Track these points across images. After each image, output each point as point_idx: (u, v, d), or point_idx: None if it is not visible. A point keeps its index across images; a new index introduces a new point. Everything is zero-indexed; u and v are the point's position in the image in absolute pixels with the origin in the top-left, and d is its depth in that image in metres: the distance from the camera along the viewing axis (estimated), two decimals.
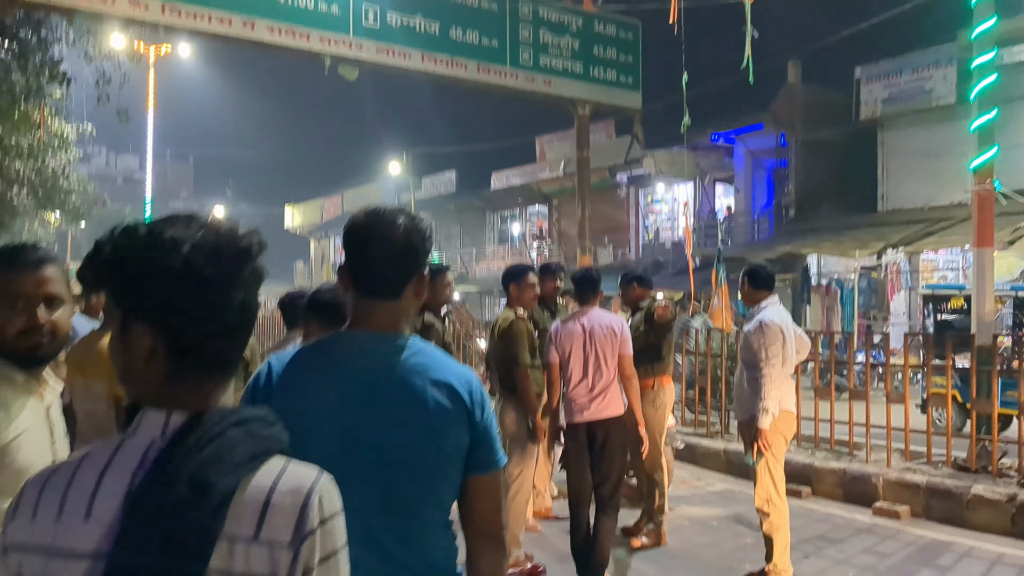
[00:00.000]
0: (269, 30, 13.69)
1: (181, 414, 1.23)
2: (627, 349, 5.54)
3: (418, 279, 1.96)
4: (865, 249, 19.06)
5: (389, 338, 1.91)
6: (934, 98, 20.75)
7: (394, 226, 1.93)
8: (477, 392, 1.91)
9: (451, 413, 1.86)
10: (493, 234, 38.39)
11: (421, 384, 1.86)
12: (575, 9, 17.18)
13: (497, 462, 1.93)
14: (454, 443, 1.86)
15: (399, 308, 1.94)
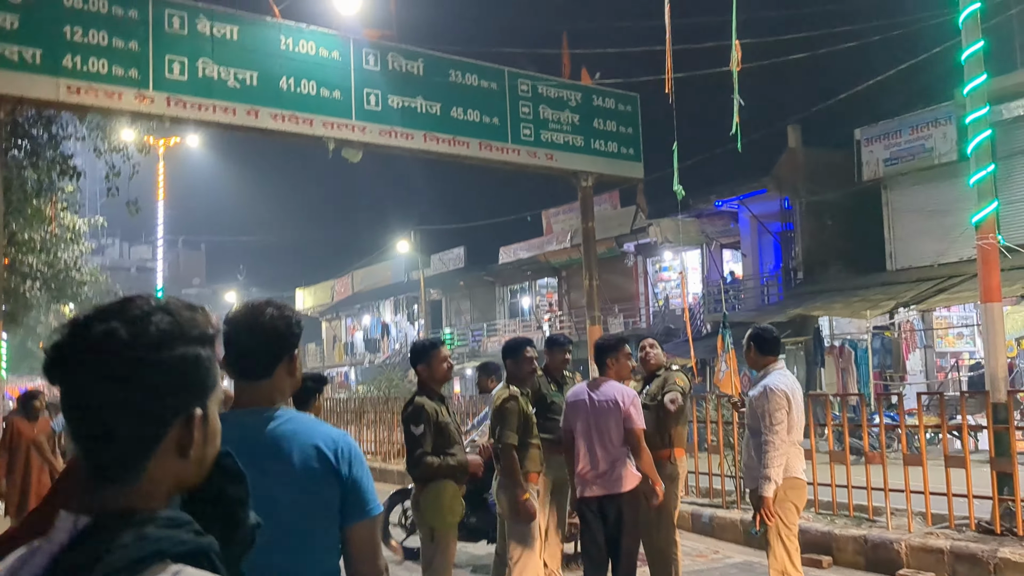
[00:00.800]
0: (273, 117, 13.94)
1: (86, 516, 1.15)
2: (634, 423, 5.43)
3: (288, 359, 2.27)
4: (876, 309, 18.94)
5: (260, 411, 2.20)
6: (935, 156, 20.85)
7: (260, 316, 2.24)
8: (344, 450, 2.17)
9: (319, 470, 2.12)
10: (503, 308, 38.41)
11: (289, 448, 2.13)
12: (573, 84, 17.45)
13: (369, 511, 2.19)
14: (326, 496, 2.12)
15: (272, 385, 2.25)
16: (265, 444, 2.13)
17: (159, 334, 1.16)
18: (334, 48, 14.63)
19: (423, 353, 5.22)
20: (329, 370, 49.13)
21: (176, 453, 1.19)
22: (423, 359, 5.19)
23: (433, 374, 5.18)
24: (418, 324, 40.92)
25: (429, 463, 4.95)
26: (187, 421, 1.19)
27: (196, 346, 1.20)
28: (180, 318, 1.20)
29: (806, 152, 24.94)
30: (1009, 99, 18.39)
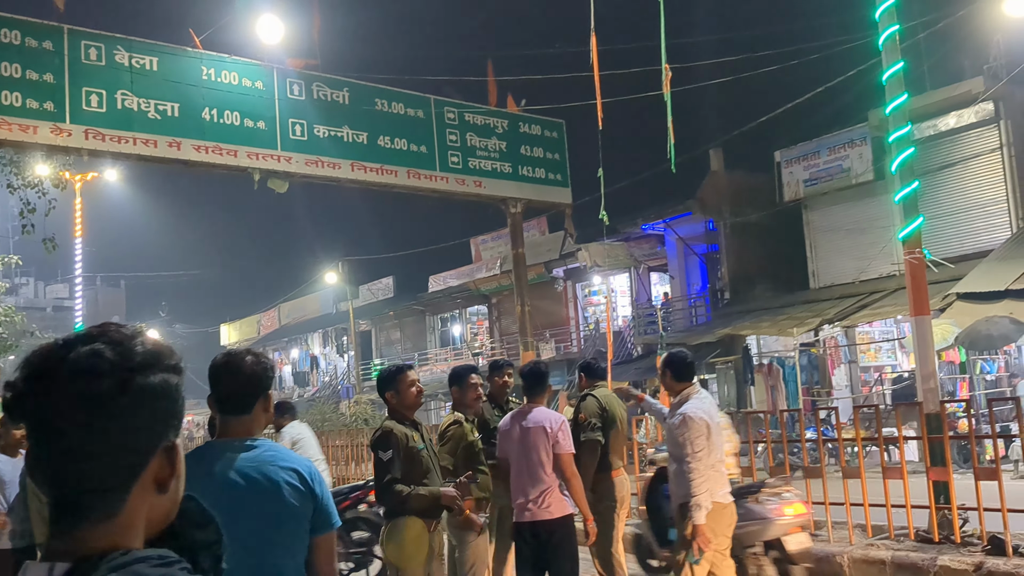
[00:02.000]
0: (196, 149, 13.66)
1: (64, 563, 1.06)
2: (562, 448, 5.41)
3: (263, 399, 2.79)
4: (802, 326, 19.34)
5: (243, 441, 2.71)
6: (852, 176, 21.47)
7: (242, 362, 2.78)
8: (315, 473, 2.71)
9: (299, 489, 2.62)
10: (434, 337, 38.20)
11: (273, 471, 2.63)
12: (499, 111, 17.52)
13: (332, 524, 2.72)
14: (302, 510, 2.62)
15: (251, 420, 2.76)
16: (249, 467, 2.62)
17: (144, 356, 1.09)
18: (258, 78, 14.42)
19: (390, 379, 4.95)
20: None
21: (154, 487, 1.12)
22: (390, 385, 4.93)
23: (402, 400, 4.90)
24: (348, 356, 40.42)
25: (398, 491, 4.65)
26: (167, 451, 1.13)
27: (173, 374, 1.14)
28: (159, 344, 1.13)
29: (729, 175, 25.45)
30: (921, 119, 19.06)
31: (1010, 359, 17.20)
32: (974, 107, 19.15)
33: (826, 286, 22.15)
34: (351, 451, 15.40)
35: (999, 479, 6.94)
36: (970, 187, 19.53)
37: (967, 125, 19.50)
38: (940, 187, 19.46)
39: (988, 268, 16.75)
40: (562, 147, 18.63)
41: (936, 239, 18.54)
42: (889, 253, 19.00)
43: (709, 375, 23.56)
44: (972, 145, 19.50)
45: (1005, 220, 18.86)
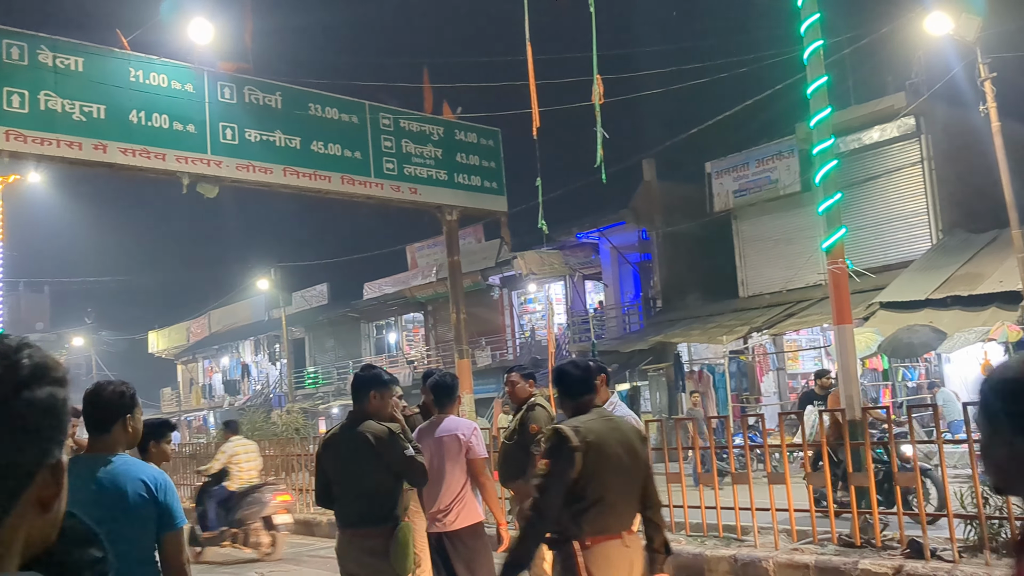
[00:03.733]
0: (122, 152, 13.37)
1: None
2: (475, 453, 5.41)
3: (121, 421, 3.36)
4: (732, 334, 19.68)
5: (104, 456, 3.27)
6: (780, 187, 21.95)
7: (103, 391, 3.39)
8: (161, 482, 3.25)
9: (143, 496, 3.18)
10: (369, 344, 37.88)
11: (123, 481, 3.18)
12: (435, 118, 17.50)
13: (174, 525, 3.24)
14: (146, 514, 3.18)
15: (112, 438, 3.33)
16: (105, 479, 3.18)
17: (31, 369, 1.03)
18: (187, 80, 14.18)
19: (381, 382, 4.84)
20: (186, 414, 47.15)
21: (37, 506, 1.04)
22: (380, 387, 4.81)
23: (382, 407, 4.80)
24: (280, 364, 39.86)
25: None
26: (52, 469, 1.05)
27: (60, 387, 1.07)
28: (46, 357, 1.07)
29: (661, 185, 25.81)
30: (846, 133, 19.59)
31: (930, 366, 17.74)
32: (896, 122, 19.75)
33: (755, 295, 22.59)
34: (282, 461, 15.17)
35: (918, 485, 7.14)
36: (892, 199, 20.13)
37: (890, 139, 20.10)
38: (864, 199, 20.02)
39: (909, 278, 17.27)
40: (498, 155, 18.68)
41: (860, 250, 19.05)
42: (815, 263, 19.45)
43: (642, 382, 23.81)
44: (894, 158, 20.11)
45: (926, 232, 19.47)
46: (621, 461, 3.78)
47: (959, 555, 6.82)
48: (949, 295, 15.81)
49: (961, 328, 15.09)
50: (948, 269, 16.77)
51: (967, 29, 14.36)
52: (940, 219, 19.30)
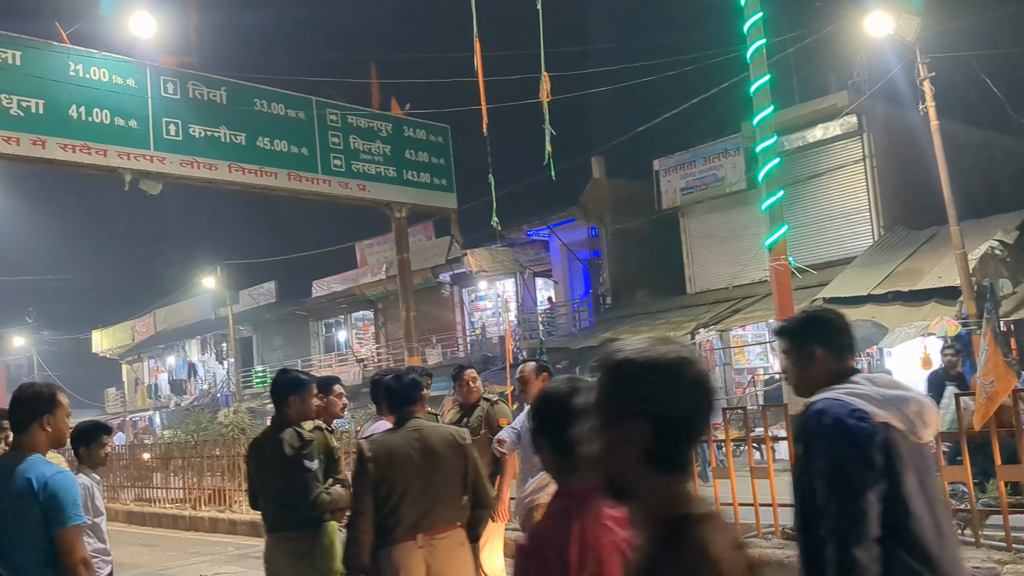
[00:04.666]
0: (62, 148, 13.12)
1: None
2: None
3: (39, 421, 3.49)
4: (679, 330, 19.87)
5: (16, 455, 3.46)
6: (726, 185, 22.21)
7: (22, 392, 3.55)
8: (49, 482, 3.33)
9: (26, 494, 3.31)
10: (318, 343, 37.56)
11: (18, 480, 3.33)
12: (383, 114, 17.41)
13: (63, 522, 3.30)
14: (32, 511, 3.30)
15: (30, 438, 3.48)
16: (5, 478, 3.36)
17: None
18: (129, 75, 13.94)
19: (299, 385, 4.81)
20: (132, 415, 46.32)
21: None
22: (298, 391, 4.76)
23: (303, 410, 4.77)
24: (228, 363, 39.34)
25: (325, 501, 4.56)
26: None
27: None
28: None
29: (610, 182, 25.93)
30: (790, 131, 19.89)
31: (872, 360, 18.09)
32: (839, 120, 20.09)
33: (702, 291, 22.84)
34: (228, 461, 14.97)
35: None
36: (835, 197, 20.48)
37: (832, 137, 20.44)
38: (807, 197, 20.35)
39: (852, 274, 17.59)
40: (447, 152, 18.64)
41: (803, 246, 19.35)
42: (761, 260, 19.66)
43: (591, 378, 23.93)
44: (837, 156, 20.46)
45: (868, 228, 19.85)
46: (417, 469, 4.10)
47: None
48: (890, 291, 16.13)
49: (902, 323, 15.41)
50: (889, 265, 17.12)
51: (907, 29, 14.64)
52: (881, 216, 19.68)
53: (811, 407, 2.62)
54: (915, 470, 2.58)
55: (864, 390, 2.61)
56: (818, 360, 2.79)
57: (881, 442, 2.50)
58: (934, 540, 2.55)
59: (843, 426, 2.51)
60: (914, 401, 2.63)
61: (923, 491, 2.59)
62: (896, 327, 15.36)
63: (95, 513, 4.85)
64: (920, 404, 2.63)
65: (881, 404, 2.56)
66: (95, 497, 4.89)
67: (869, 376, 2.71)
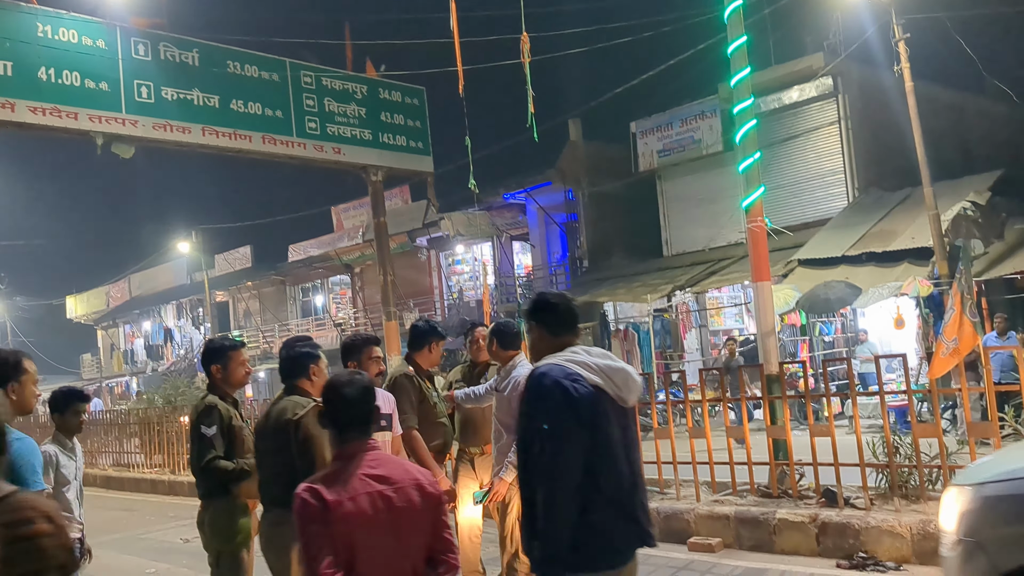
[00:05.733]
0: (32, 111, 12.91)
1: None
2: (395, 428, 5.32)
3: (1, 388, 3.41)
4: (656, 293, 19.97)
5: None
6: (703, 147, 22.23)
7: None
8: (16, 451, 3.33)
9: None
10: (295, 307, 37.44)
11: None
12: (358, 76, 17.24)
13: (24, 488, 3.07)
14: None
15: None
16: None
17: None
18: (99, 37, 13.70)
19: (220, 353, 4.80)
20: (108, 380, 46.09)
21: None
22: (219, 359, 4.77)
23: (228, 376, 4.78)
24: (204, 327, 39.16)
25: (223, 467, 4.51)
26: None
27: None
28: None
29: (587, 145, 25.89)
30: (767, 92, 19.90)
31: (846, 321, 18.29)
32: (815, 81, 20.12)
33: (678, 253, 22.94)
34: None
35: (832, 435, 7.39)
36: (811, 158, 20.56)
37: (808, 99, 20.48)
38: (783, 158, 20.43)
39: (826, 236, 17.72)
40: (423, 114, 18.50)
41: (779, 208, 19.46)
42: (737, 222, 19.80)
43: None
44: (813, 118, 20.51)
45: (842, 190, 19.97)
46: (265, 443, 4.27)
47: (871, 502, 7.11)
48: (864, 252, 16.28)
49: (875, 283, 15.57)
50: (863, 226, 17.25)
51: None
52: (856, 178, 19.79)
53: (535, 371, 3.05)
54: (619, 427, 3.06)
55: (581, 358, 3.05)
56: (538, 334, 3.30)
57: (590, 402, 2.94)
58: (628, 487, 3.06)
59: (560, 387, 2.93)
60: (621, 371, 3.08)
61: (624, 446, 3.08)
62: (870, 288, 15.52)
63: (59, 482, 4.78)
64: (626, 374, 3.10)
65: (594, 371, 3.01)
66: (59, 466, 4.81)
67: (586, 348, 3.14)
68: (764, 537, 7.23)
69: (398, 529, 2.79)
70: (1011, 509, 3.80)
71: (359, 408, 2.89)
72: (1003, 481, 3.92)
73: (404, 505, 2.80)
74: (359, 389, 2.90)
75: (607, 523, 2.97)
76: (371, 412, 2.94)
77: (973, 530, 3.89)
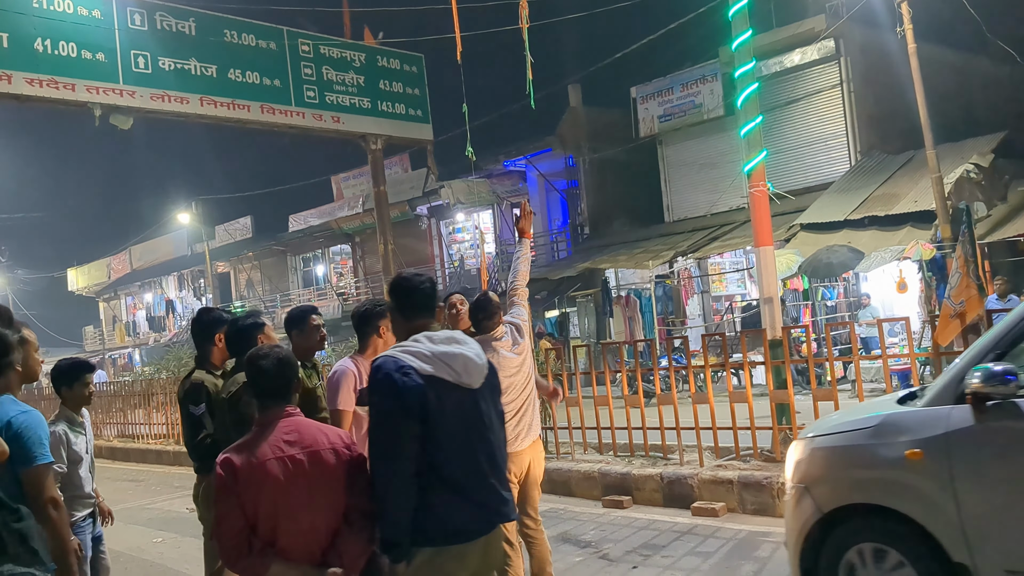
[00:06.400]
0: (29, 82, 12.86)
1: None
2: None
3: (7, 363, 3.38)
4: (657, 259, 19.95)
5: None
6: (704, 111, 22.08)
7: None
8: (14, 423, 3.27)
9: None
10: (296, 277, 37.46)
11: None
12: (356, 44, 17.12)
13: (29, 461, 3.27)
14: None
15: (4, 380, 3.37)
16: None
17: None
18: (95, 7, 13.61)
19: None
20: (111, 352, 46.24)
21: None
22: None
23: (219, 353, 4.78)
24: (206, 298, 39.21)
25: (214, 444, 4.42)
26: None
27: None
28: None
29: (587, 111, 25.73)
30: (767, 56, 19.72)
31: (849, 285, 18.28)
32: (816, 44, 19.93)
33: (680, 219, 22.87)
34: None
35: (835, 399, 7.41)
36: (812, 122, 20.42)
37: (810, 62, 20.30)
38: (785, 122, 20.29)
39: (829, 200, 17.65)
40: (422, 82, 18.40)
41: (781, 172, 19.38)
42: (739, 187, 19.73)
43: (570, 308, 24.07)
44: (815, 81, 20.34)
45: (844, 154, 19.86)
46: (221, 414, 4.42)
47: None
48: (867, 215, 16.22)
49: (878, 247, 15.54)
50: (866, 190, 17.18)
51: None
52: (858, 141, 19.68)
53: (374, 362, 3.12)
54: (460, 415, 3.11)
55: (416, 348, 3.11)
56: (394, 316, 3.38)
57: (419, 393, 3.00)
58: (474, 471, 3.12)
59: (390, 380, 2.99)
60: (460, 356, 3.14)
61: (474, 429, 3.15)
62: (872, 252, 15.49)
63: (72, 460, 4.75)
64: (466, 358, 3.15)
65: (429, 360, 3.07)
66: (71, 444, 4.76)
67: (430, 334, 3.19)
68: (767, 501, 7.27)
69: (311, 490, 2.95)
70: (829, 458, 4.35)
71: (274, 380, 3.08)
72: (825, 435, 4.44)
73: (316, 467, 2.97)
74: (273, 361, 3.08)
75: (449, 508, 3.05)
76: (287, 383, 3.12)
77: (803, 476, 4.43)
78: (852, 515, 4.16)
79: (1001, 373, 3.62)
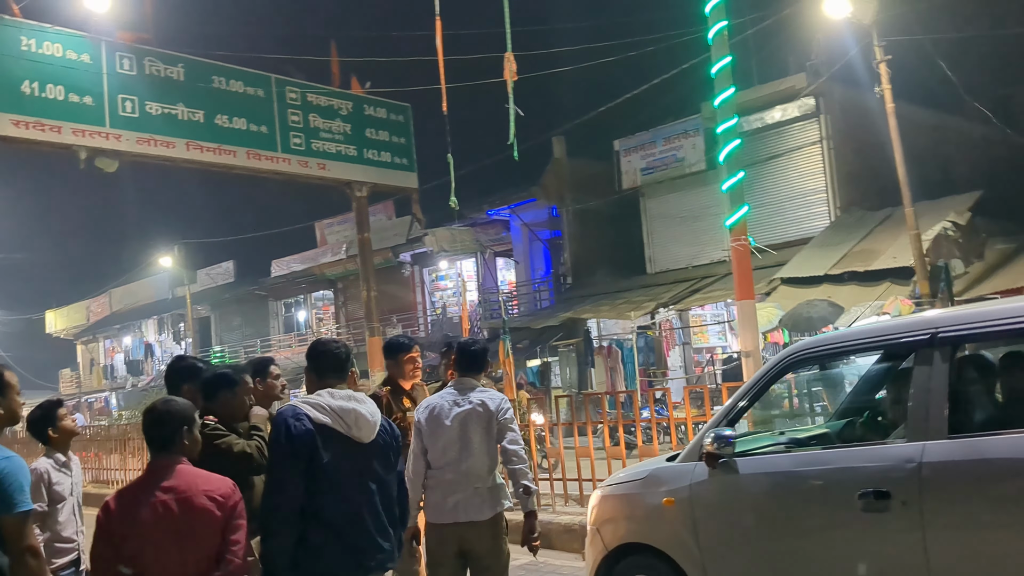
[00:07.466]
0: (15, 124, 12.87)
1: None
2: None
3: None
4: (639, 310, 20.03)
5: None
6: (686, 165, 22.36)
7: None
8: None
9: None
10: (278, 323, 37.30)
11: None
12: (344, 93, 17.27)
13: (7, 509, 3.11)
14: None
15: None
16: None
17: None
18: (84, 51, 13.68)
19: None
20: (87, 396, 45.70)
21: None
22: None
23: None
24: (185, 343, 38.94)
25: None
26: None
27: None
28: None
29: (571, 162, 25.98)
30: (748, 112, 20.04)
31: None
32: (797, 102, 20.29)
33: (662, 271, 23.02)
34: None
35: None
36: (793, 177, 20.71)
37: (791, 119, 20.64)
38: (765, 177, 20.56)
39: (809, 254, 17.84)
40: (408, 131, 18.55)
41: (761, 227, 19.59)
42: (720, 240, 19.89)
43: (552, 357, 24.08)
44: (795, 138, 20.68)
45: (824, 209, 20.11)
46: None
47: None
48: (846, 271, 16.39)
49: (857, 302, 15.67)
50: (845, 246, 17.37)
51: (864, 12, 14.80)
52: (838, 197, 19.94)
53: (279, 409, 3.61)
54: (347, 464, 3.47)
55: (319, 400, 3.51)
56: (308, 376, 3.78)
57: (308, 438, 3.39)
58: (353, 516, 3.44)
59: (285, 424, 3.42)
60: (352, 411, 3.52)
61: (349, 480, 3.47)
62: (851, 306, 15.62)
63: (52, 500, 4.70)
64: (358, 414, 3.53)
65: (324, 411, 3.47)
66: (52, 483, 4.72)
67: (334, 391, 3.58)
68: None
69: (181, 534, 3.16)
70: (613, 504, 5.13)
71: (154, 431, 3.35)
72: (613, 484, 5.30)
73: (187, 512, 3.17)
74: (153, 415, 3.35)
75: (324, 548, 3.38)
76: (168, 435, 3.33)
77: (595, 519, 5.21)
78: (629, 552, 4.91)
79: (726, 437, 4.34)
